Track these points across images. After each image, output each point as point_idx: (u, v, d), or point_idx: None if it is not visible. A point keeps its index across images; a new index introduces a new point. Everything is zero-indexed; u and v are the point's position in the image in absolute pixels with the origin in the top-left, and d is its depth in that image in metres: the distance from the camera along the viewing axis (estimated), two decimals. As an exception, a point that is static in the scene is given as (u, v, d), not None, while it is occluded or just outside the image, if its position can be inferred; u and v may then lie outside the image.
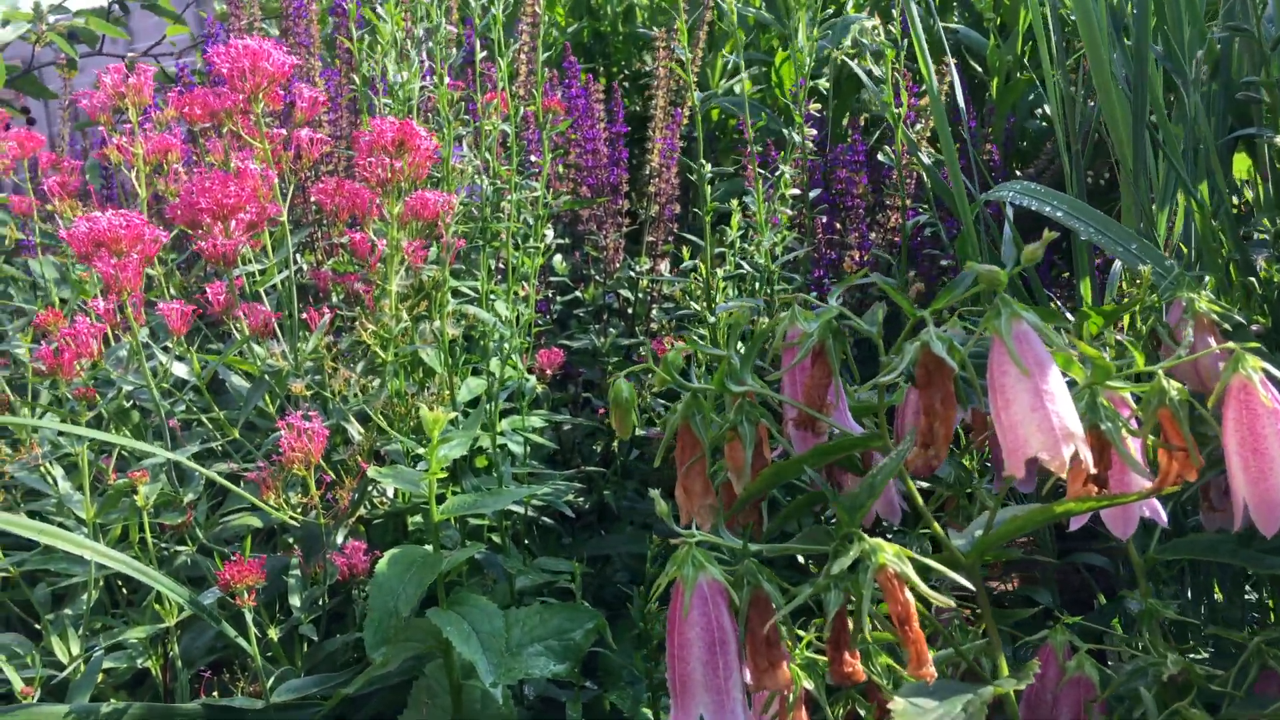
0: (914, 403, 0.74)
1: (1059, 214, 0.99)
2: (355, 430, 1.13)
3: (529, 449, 1.21)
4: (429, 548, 0.94)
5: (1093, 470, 0.56)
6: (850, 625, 0.55)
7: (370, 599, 0.85)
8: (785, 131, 1.42)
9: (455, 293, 1.21)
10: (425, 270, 1.05)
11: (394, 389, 1.12)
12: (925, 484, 1.00)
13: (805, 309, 0.69)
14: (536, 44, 1.28)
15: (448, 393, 1.09)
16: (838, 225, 1.53)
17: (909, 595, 0.53)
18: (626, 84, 1.89)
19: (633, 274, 1.52)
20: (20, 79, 2.05)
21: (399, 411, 1.09)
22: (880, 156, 1.12)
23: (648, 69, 2.61)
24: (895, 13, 1.20)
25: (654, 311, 1.50)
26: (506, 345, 1.18)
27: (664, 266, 1.48)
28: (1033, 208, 1.03)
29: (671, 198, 1.47)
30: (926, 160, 1.19)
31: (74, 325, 0.92)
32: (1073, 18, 1.13)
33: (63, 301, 1.59)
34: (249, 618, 0.86)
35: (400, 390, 1.14)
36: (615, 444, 1.54)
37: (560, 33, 2.29)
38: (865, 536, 0.54)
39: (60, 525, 1.13)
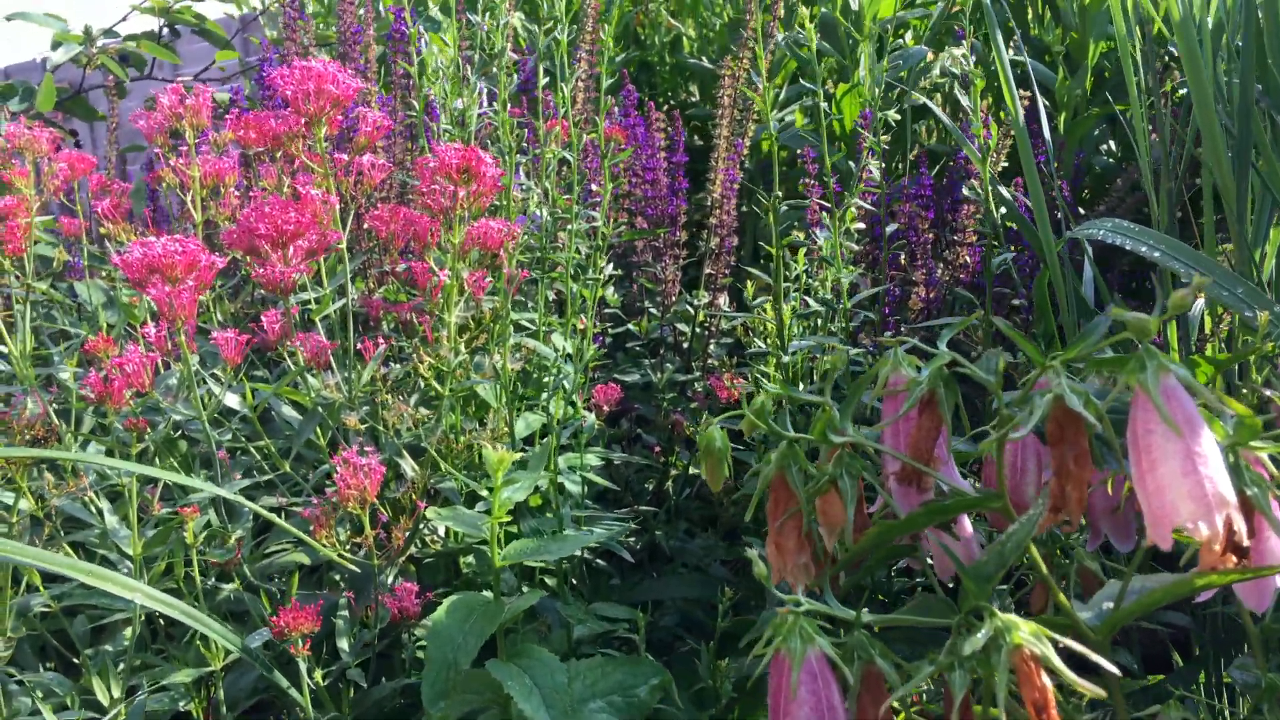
0: (1015, 457, 0.69)
1: (1156, 254, 0.93)
2: (409, 466, 1.09)
3: (585, 488, 1.16)
4: (488, 594, 0.89)
5: (1246, 541, 0.51)
6: (972, 709, 0.50)
7: (428, 649, 0.81)
8: (851, 164, 1.38)
9: (514, 326, 1.17)
10: (486, 302, 1.01)
11: (449, 424, 1.08)
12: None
13: (908, 355, 0.64)
14: (599, 70, 1.25)
15: (506, 430, 1.05)
16: (902, 261, 1.48)
17: (1046, 680, 0.47)
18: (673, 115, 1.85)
19: (690, 307, 1.48)
20: (69, 101, 2.04)
21: (454, 448, 1.04)
22: (966, 190, 1.07)
23: (693, 100, 2.59)
24: (965, 44, 1.16)
25: (711, 347, 1.46)
26: (567, 381, 1.14)
27: (723, 300, 1.43)
28: (1126, 246, 0.97)
29: (731, 230, 1.43)
30: (1006, 194, 1.14)
31: (125, 354, 0.88)
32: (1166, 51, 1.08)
33: (110, 326, 1.56)
34: (303, 668, 0.81)
35: (456, 425, 1.09)
36: (669, 483, 1.49)
37: (608, 62, 2.27)
38: (996, 612, 0.49)
39: (103, 558, 1.10)
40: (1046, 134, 1.21)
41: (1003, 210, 1.44)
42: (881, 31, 2.07)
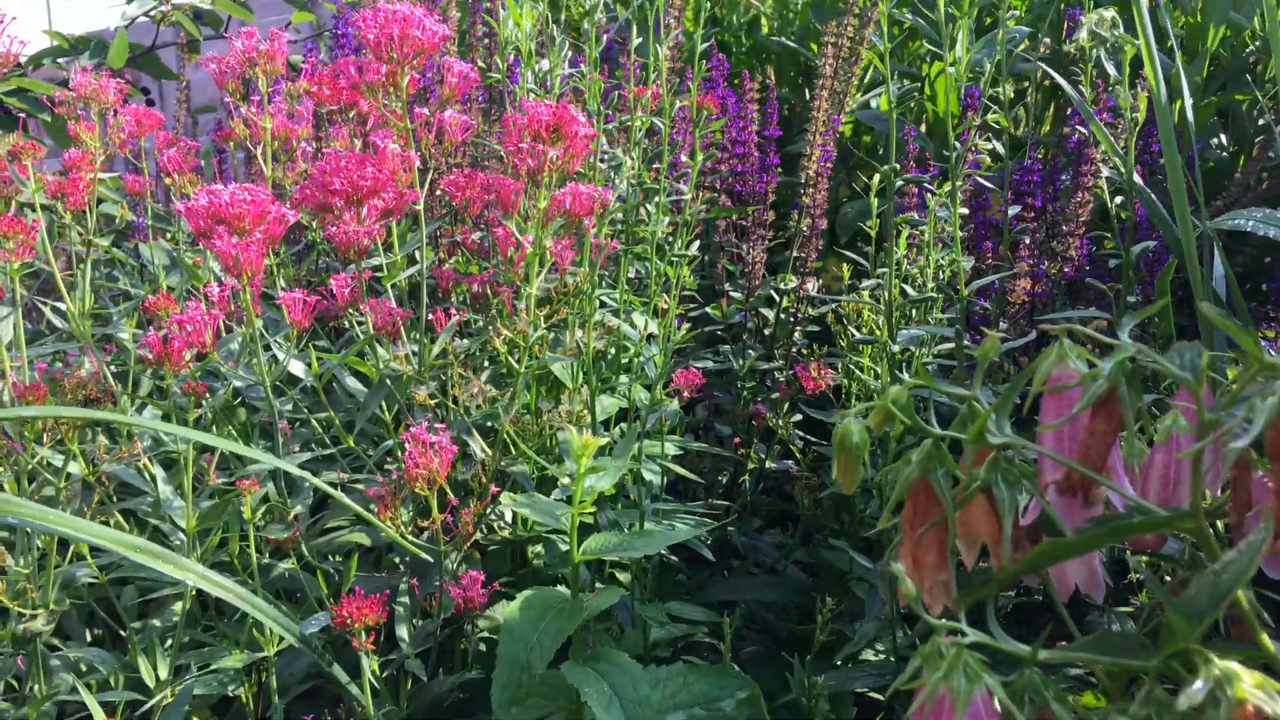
0: (1169, 467, 0.60)
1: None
2: (478, 447, 1.02)
3: (663, 478, 1.09)
4: (563, 590, 0.82)
5: None
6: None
7: (501, 648, 0.74)
8: (956, 145, 1.28)
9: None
10: (570, 274, 0.94)
11: (522, 403, 1.01)
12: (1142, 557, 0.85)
13: (1076, 345, 0.55)
14: (695, 35, 1.16)
15: (585, 412, 0.97)
16: (1001, 250, 1.38)
17: (1276, 743, 0.39)
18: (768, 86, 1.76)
19: (774, 292, 1.39)
20: (142, 58, 2.00)
21: (531, 429, 0.97)
22: (1107, 171, 0.97)
23: (769, 82, 2.49)
24: (1109, 11, 1.05)
25: (796, 334, 1.37)
26: (649, 365, 1.06)
27: (811, 285, 1.34)
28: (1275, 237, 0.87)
29: (822, 211, 1.34)
30: (1139, 180, 1.03)
31: (186, 311, 0.82)
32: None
33: (170, 289, 1.51)
34: (365, 664, 0.75)
35: (531, 405, 1.02)
36: (744, 477, 1.41)
37: (686, 38, 2.18)
38: (1212, 657, 0.40)
39: (155, 528, 1.05)
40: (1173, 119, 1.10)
41: (1118, 199, 1.33)
42: (981, 9, 1.96)
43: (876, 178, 1.19)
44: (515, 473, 1.02)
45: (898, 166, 0.98)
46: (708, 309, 1.49)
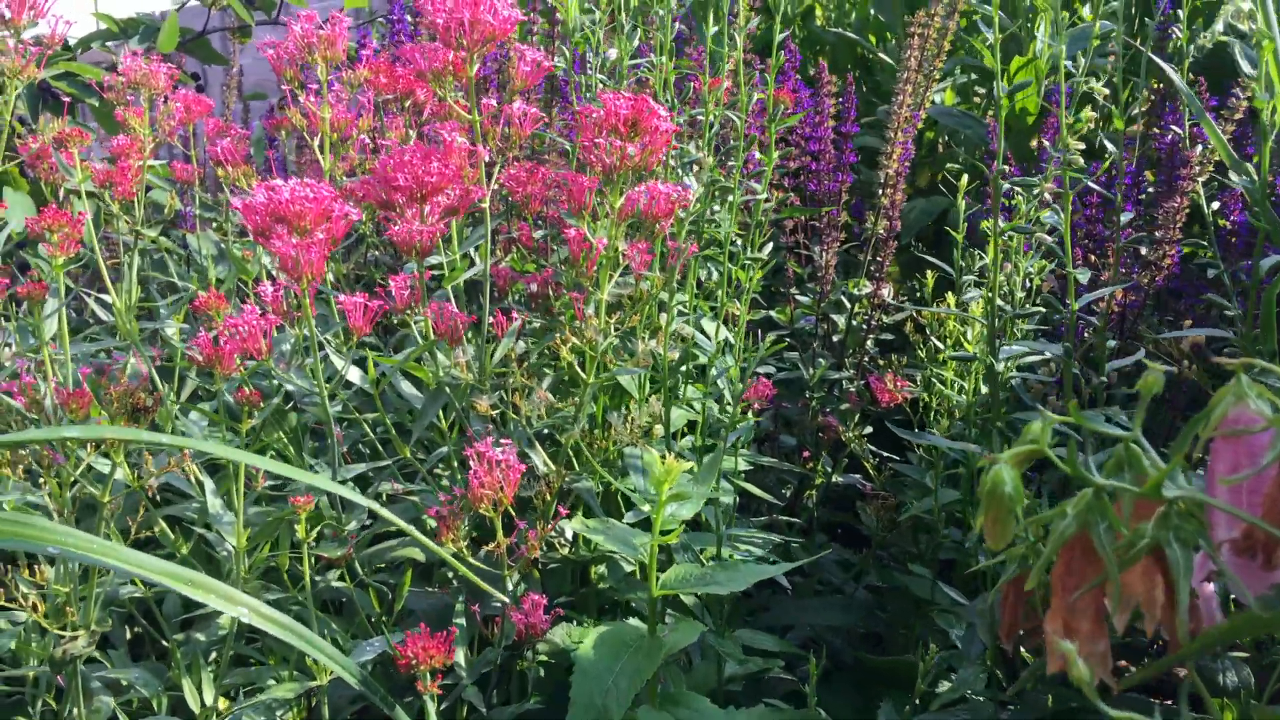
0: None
1: None
2: (540, 460, 0.96)
3: (735, 498, 1.02)
4: (637, 624, 0.76)
5: None
6: None
7: (574, 690, 0.68)
8: (1045, 144, 1.20)
9: (664, 307, 1.03)
10: (646, 279, 0.87)
11: (588, 414, 0.95)
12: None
13: (1258, 384, 0.48)
14: (775, 21, 1.09)
15: (659, 428, 0.91)
16: (1093, 258, 1.30)
17: None
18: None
19: (845, 297, 1.32)
20: (192, 43, 1.96)
21: (599, 443, 0.91)
22: (1237, 176, 0.89)
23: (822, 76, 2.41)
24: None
25: (869, 343, 1.30)
26: (722, 378, 1.00)
27: (886, 292, 1.27)
28: None
29: (899, 213, 1.26)
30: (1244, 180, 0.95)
31: (241, 314, 0.77)
32: None
33: (219, 281, 1.47)
34: (430, 707, 0.69)
35: (599, 418, 0.96)
36: (811, 492, 1.34)
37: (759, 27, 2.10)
38: None
39: (201, 538, 1.00)
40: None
41: (1214, 205, 1.25)
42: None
43: (965, 178, 1.12)
44: (580, 489, 0.96)
45: (1005, 168, 0.91)
46: (771, 313, 1.42)
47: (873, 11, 2.41)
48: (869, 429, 1.29)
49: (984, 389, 1.08)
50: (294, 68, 0.91)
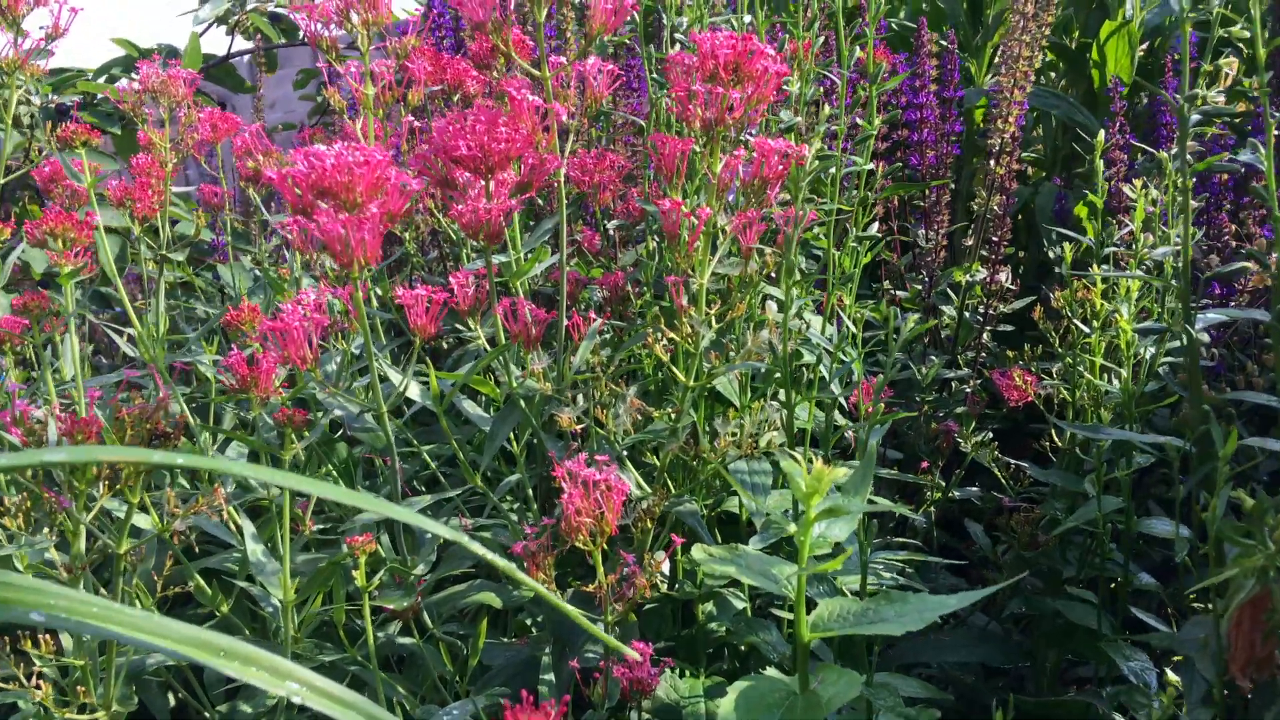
0: None
1: None
2: (632, 482, 0.81)
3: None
4: (779, 677, 0.60)
5: None
6: None
7: (720, 769, 0.52)
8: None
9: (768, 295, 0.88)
10: (756, 257, 0.73)
11: (685, 424, 0.80)
12: None
13: None
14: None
15: (774, 435, 0.76)
16: (1229, 225, 1.15)
17: None
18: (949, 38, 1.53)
19: (950, 288, 1.17)
20: (216, 69, 1.86)
21: (708, 457, 0.76)
22: None
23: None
24: None
25: (985, 335, 1.14)
26: (837, 382, 0.85)
27: (1004, 276, 1.12)
28: None
29: (1015, 185, 1.11)
30: None
31: (280, 317, 0.63)
32: None
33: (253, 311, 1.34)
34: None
35: (702, 427, 0.81)
36: (930, 507, 1.18)
37: None
38: None
39: (244, 594, 0.86)
40: None
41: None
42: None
43: (1101, 135, 0.96)
44: (681, 512, 0.81)
45: (1203, 90, 0.75)
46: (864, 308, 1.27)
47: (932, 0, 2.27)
48: (988, 435, 1.13)
49: (1135, 377, 0.92)
50: (331, 37, 0.78)
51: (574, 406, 0.78)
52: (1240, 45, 1.21)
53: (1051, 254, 1.61)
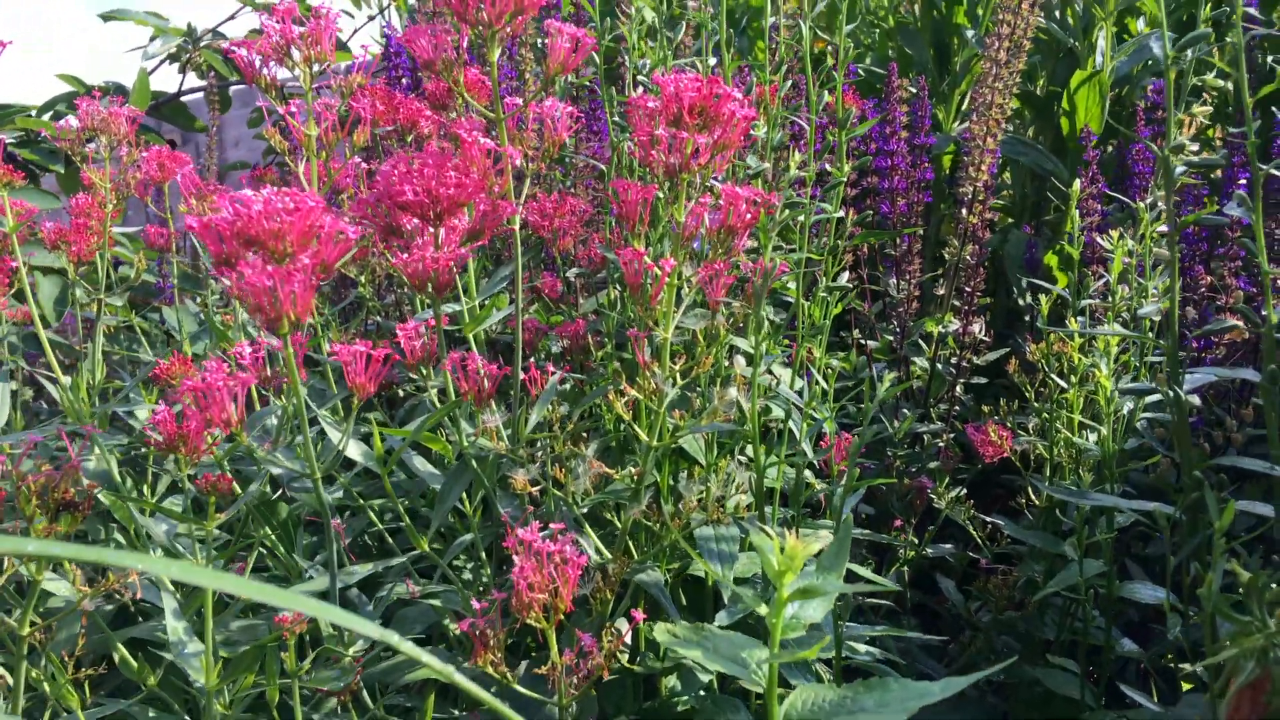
0: None
1: None
2: (591, 547, 0.76)
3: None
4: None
5: None
6: None
7: None
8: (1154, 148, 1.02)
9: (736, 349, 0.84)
10: (724, 310, 0.69)
11: (647, 485, 0.75)
12: None
13: None
14: (841, 12, 0.93)
15: (742, 498, 0.71)
16: (1205, 276, 1.12)
17: None
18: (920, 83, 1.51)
19: (922, 339, 1.13)
20: (167, 106, 1.80)
21: (672, 522, 0.71)
22: None
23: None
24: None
25: (958, 388, 1.11)
26: (808, 440, 0.81)
27: (978, 327, 1.08)
28: None
29: (988, 234, 1.08)
30: None
31: (204, 376, 0.58)
32: None
33: (196, 357, 1.28)
34: None
35: (664, 490, 0.77)
36: (903, 567, 1.14)
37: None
38: None
39: (173, 666, 0.79)
40: None
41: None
42: (1124, 10, 1.72)
43: (1076, 184, 0.94)
44: (644, 581, 0.76)
45: (1178, 148, 0.72)
46: (832, 361, 1.23)
47: (903, 45, 2.26)
48: (962, 490, 1.10)
49: (1111, 433, 0.89)
50: (271, 76, 0.73)
51: (529, 468, 0.73)
52: (1210, 95, 1.19)
53: (1021, 302, 1.59)
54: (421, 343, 0.71)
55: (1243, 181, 1.15)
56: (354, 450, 0.72)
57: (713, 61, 0.92)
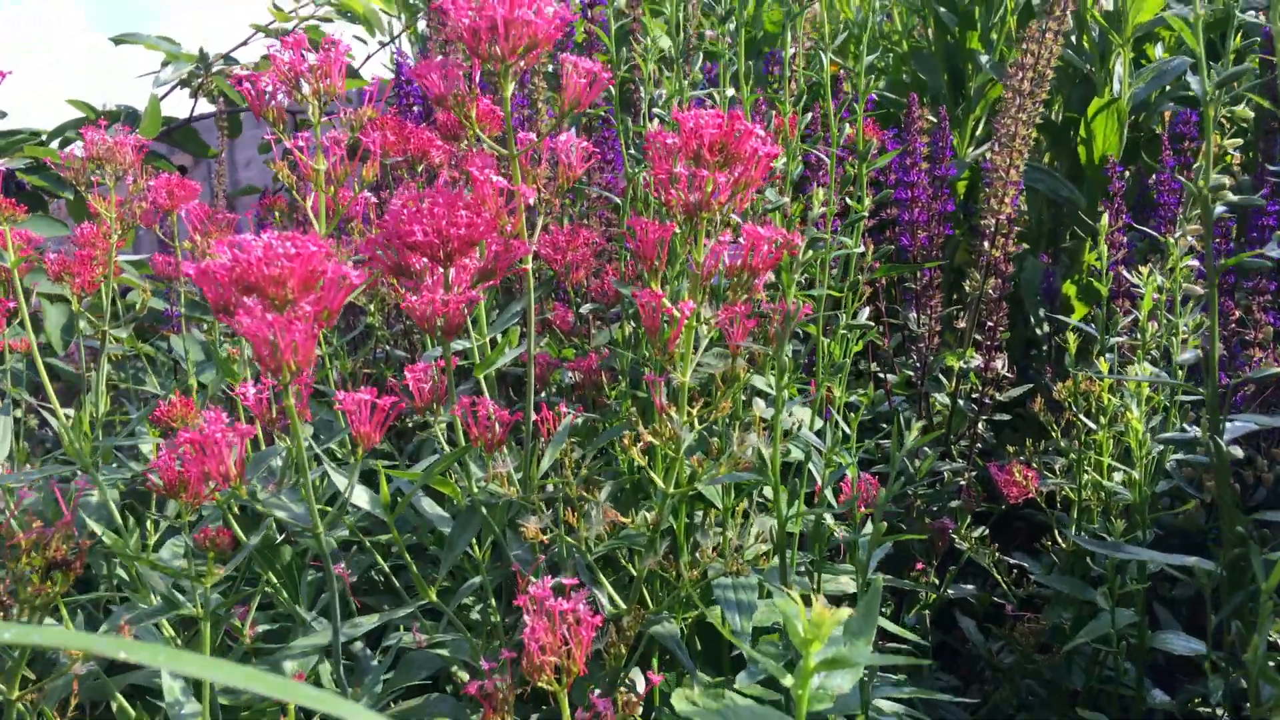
0: None
1: None
2: (605, 597, 0.73)
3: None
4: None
5: None
6: None
7: None
8: (1182, 180, 1.00)
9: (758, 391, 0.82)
10: (744, 353, 0.66)
11: (661, 531, 0.72)
12: None
13: None
14: (862, 43, 0.90)
15: (762, 544, 0.68)
16: (1234, 310, 1.09)
17: None
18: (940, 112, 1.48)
19: (943, 373, 1.11)
20: (178, 131, 1.79)
21: (688, 574, 0.69)
22: None
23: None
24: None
25: (980, 425, 1.08)
26: (826, 480, 0.78)
27: (1000, 363, 1.06)
28: None
29: (1013, 268, 1.05)
30: None
31: (203, 425, 0.55)
32: None
33: (201, 386, 1.26)
34: None
35: (680, 538, 0.74)
36: (923, 610, 1.10)
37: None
38: None
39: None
40: None
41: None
42: (1141, 37, 1.70)
43: (1104, 219, 0.91)
44: (659, 634, 0.73)
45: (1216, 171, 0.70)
46: (855, 395, 1.21)
47: (917, 71, 2.24)
48: (984, 530, 1.07)
49: (1145, 477, 0.86)
50: (278, 108, 0.71)
51: (541, 515, 0.70)
52: (1243, 124, 1.16)
53: (1039, 331, 1.57)
54: (430, 385, 0.69)
55: (1271, 170, 1.11)
56: (360, 496, 0.69)
57: (730, 93, 0.90)
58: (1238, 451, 0.70)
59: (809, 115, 0.89)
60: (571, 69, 0.63)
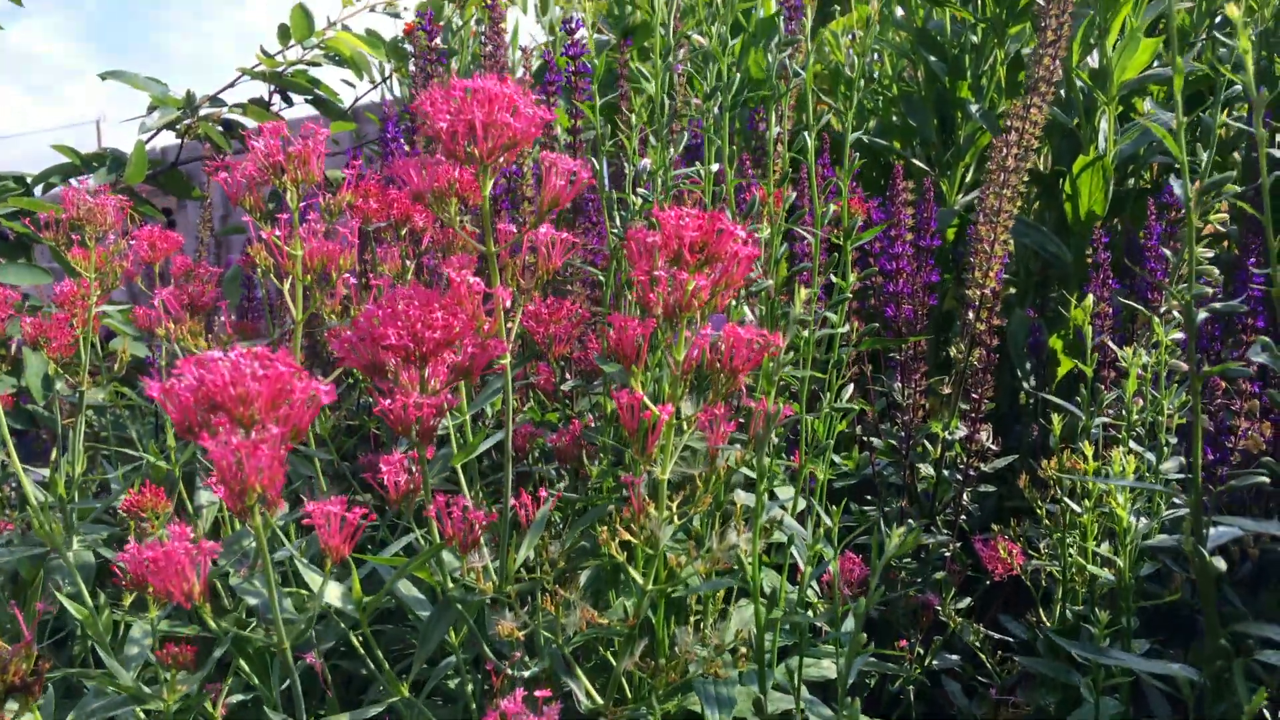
0: None
1: None
2: (582, 691, 0.72)
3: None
4: None
5: None
6: None
7: None
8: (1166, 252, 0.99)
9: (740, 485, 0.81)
10: (724, 453, 0.65)
11: (637, 627, 0.71)
12: None
13: None
14: (847, 119, 0.90)
15: (746, 654, 0.67)
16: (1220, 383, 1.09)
17: None
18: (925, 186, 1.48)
19: (928, 441, 1.10)
20: (164, 175, 1.78)
21: (666, 672, 0.68)
22: None
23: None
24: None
25: (965, 497, 1.07)
26: (811, 567, 0.77)
27: (985, 434, 1.05)
28: None
29: (998, 340, 1.05)
30: None
31: (164, 544, 0.54)
32: None
33: (180, 447, 1.25)
34: None
35: (660, 635, 0.73)
36: (908, 686, 1.09)
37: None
38: None
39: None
40: None
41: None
42: (1127, 94, 1.70)
43: (1089, 298, 0.91)
44: (637, 729, 0.72)
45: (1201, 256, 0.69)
46: (835, 458, 1.20)
47: (907, 117, 2.24)
48: (969, 601, 1.06)
49: (1126, 563, 0.85)
50: (255, 195, 0.71)
51: (518, 613, 0.69)
52: (1231, 201, 1.16)
53: (1025, 385, 1.56)
54: (405, 479, 0.68)
55: (1256, 275, 1.11)
56: (332, 592, 0.68)
57: (715, 167, 0.89)
58: (1220, 564, 0.69)
59: (794, 193, 0.89)
60: (551, 167, 0.63)
